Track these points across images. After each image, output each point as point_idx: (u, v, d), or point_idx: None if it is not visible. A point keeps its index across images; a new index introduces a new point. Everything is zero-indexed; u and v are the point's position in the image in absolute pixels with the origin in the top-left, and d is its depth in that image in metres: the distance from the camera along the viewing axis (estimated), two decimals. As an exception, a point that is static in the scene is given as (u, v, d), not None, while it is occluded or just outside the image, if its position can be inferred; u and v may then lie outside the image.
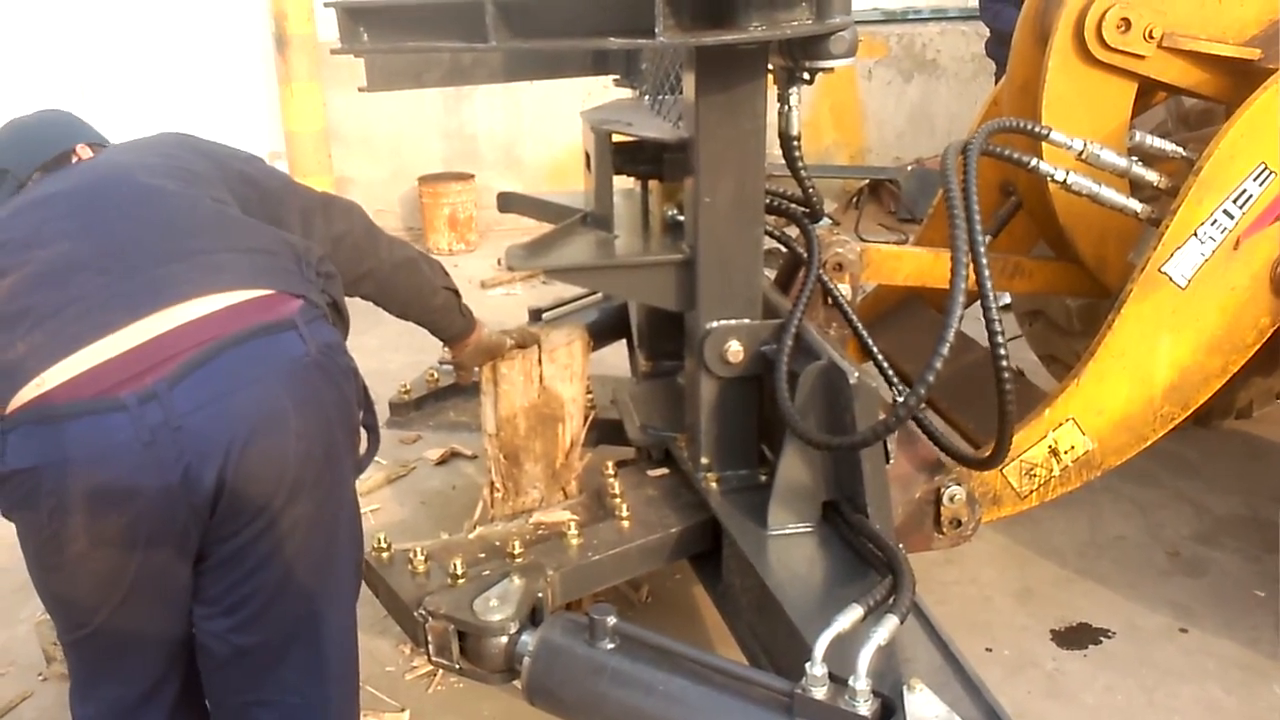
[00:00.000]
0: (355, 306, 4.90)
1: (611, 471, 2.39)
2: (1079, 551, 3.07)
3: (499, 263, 5.97)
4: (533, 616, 1.91)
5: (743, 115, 2.02)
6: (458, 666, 1.91)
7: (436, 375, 3.00)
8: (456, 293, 2.25)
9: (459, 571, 1.99)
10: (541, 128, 6.58)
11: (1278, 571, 2.87)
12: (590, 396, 2.71)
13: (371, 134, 6.47)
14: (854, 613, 1.60)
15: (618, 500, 2.27)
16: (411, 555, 2.08)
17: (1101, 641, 2.70)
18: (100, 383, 1.48)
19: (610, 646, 1.61)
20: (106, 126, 6.39)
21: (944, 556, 2.90)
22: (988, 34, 5.69)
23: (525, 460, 2.46)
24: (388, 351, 4.68)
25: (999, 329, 1.85)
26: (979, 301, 1.93)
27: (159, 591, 1.60)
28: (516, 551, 2.09)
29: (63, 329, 1.52)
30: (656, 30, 1.69)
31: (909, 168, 6.52)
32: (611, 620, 1.60)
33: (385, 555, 2.10)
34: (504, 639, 1.84)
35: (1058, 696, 2.50)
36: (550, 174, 6.57)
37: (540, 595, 1.96)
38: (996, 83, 5.58)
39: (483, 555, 2.14)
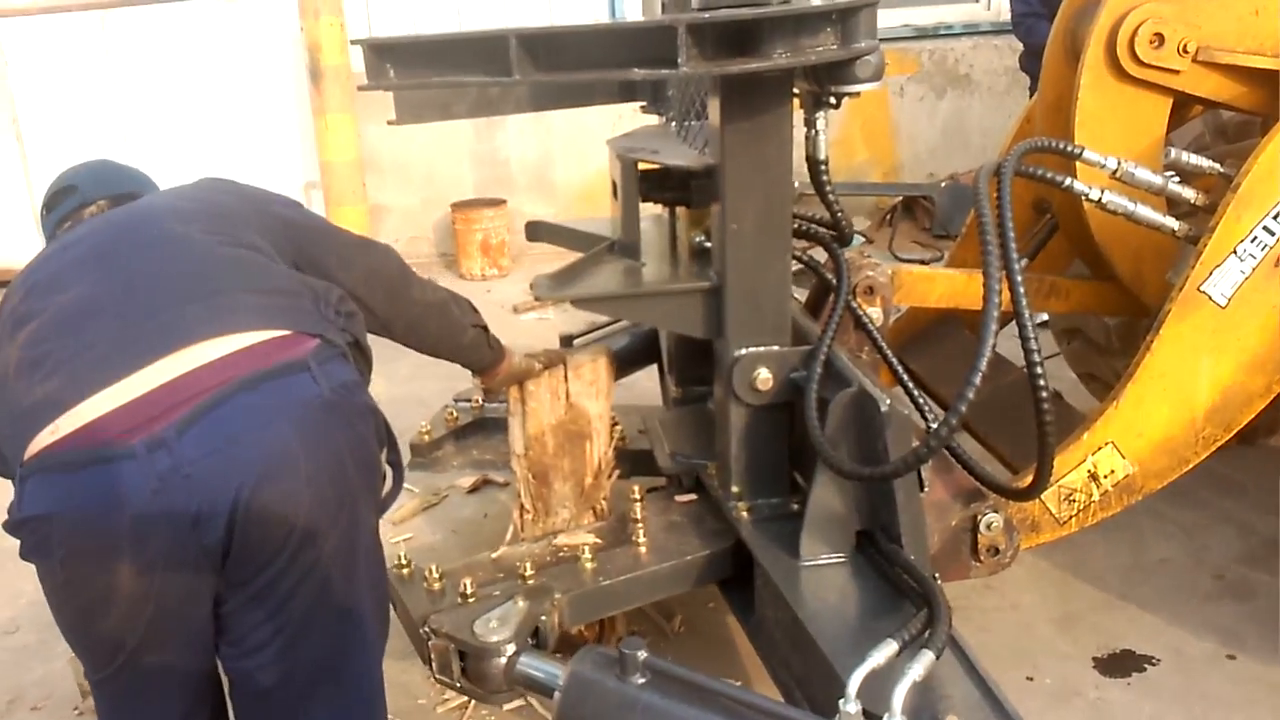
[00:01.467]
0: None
1: (638, 496, 2.37)
2: (1121, 576, 3.01)
3: (531, 287, 5.99)
4: (535, 638, 1.95)
5: (768, 142, 2.01)
6: (459, 685, 1.96)
7: (455, 413, 2.95)
8: (485, 328, 2.28)
9: (468, 591, 2.03)
10: (572, 152, 6.61)
11: (1329, 595, 2.80)
12: (619, 428, 2.69)
13: (405, 162, 6.53)
14: (889, 648, 1.57)
15: (639, 525, 2.27)
16: (428, 574, 2.12)
17: (1146, 669, 2.64)
18: (111, 429, 1.49)
19: (641, 681, 1.59)
20: (145, 163, 6.50)
21: (983, 582, 2.84)
22: (1021, 48, 5.65)
23: (554, 479, 2.46)
24: (420, 379, 4.70)
25: (1038, 359, 1.82)
26: (1014, 321, 1.90)
27: (178, 633, 1.61)
28: (528, 573, 2.12)
29: (78, 374, 1.53)
30: (680, 60, 1.69)
31: (943, 184, 6.45)
32: (642, 654, 1.58)
33: (405, 572, 2.16)
34: (502, 660, 1.87)
35: (1101, 727, 2.45)
36: (582, 197, 6.59)
37: (544, 618, 1.99)
38: (1031, 97, 5.55)
39: (500, 576, 2.17)
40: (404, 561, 2.16)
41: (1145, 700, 2.52)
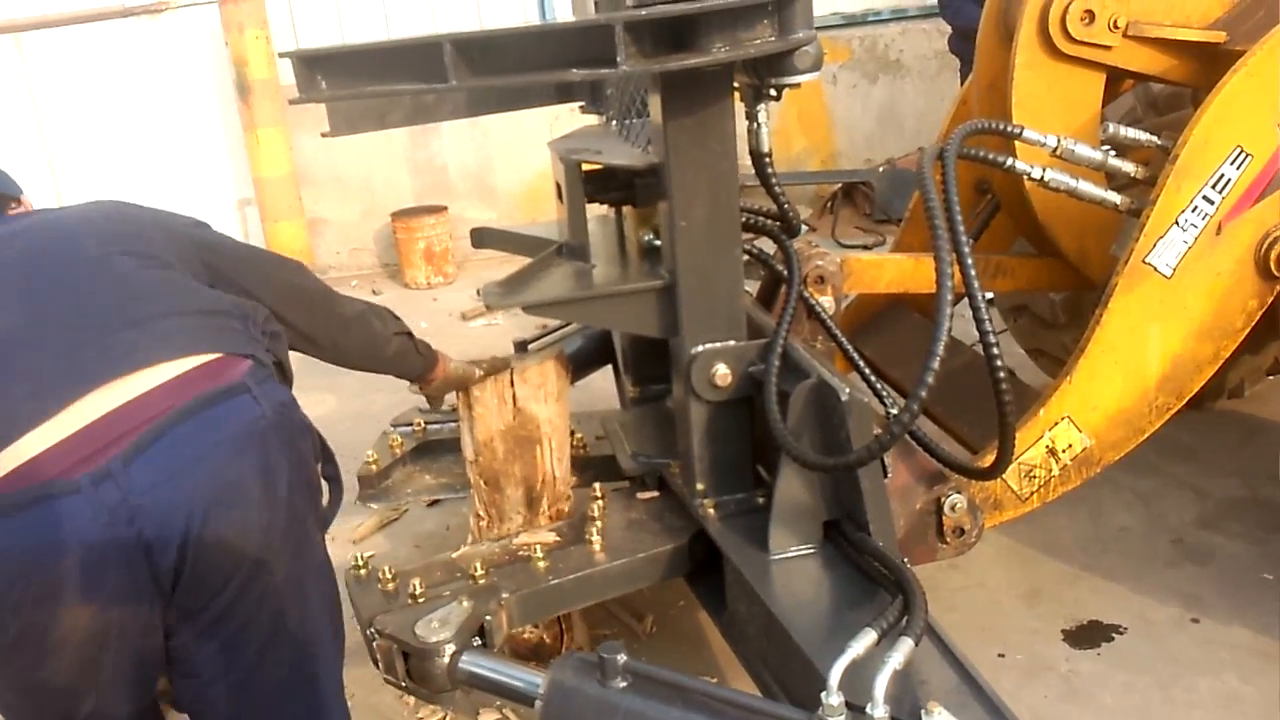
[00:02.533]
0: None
1: (599, 495, 2.38)
2: (1083, 547, 3.04)
3: (478, 293, 5.93)
4: (481, 636, 1.97)
5: (712, 136, 1.99)
6: (403, 684, 1.97)
7: (399, 439, 2.83)
8: (409, 335, 2.25)
9: (417, 591, 2.03)
10: (511, 156, 6.55)
11: (1283, 553, 2.86)
12: (579, 435, 2.66)
13: (341, 173, 6.43)
14: (868, 637, 1.56)
15: (595, 523, 2.26)
16: (381, 575, 2.12)
17: (1114, 639, 2.67)
18: (52, 466, 1.43)
19: (622, 685, 1.57)
20: (73, 182, 6.36)
21: (949, 562, 2.84)
22: (949, 31, 5.71)
23: (506, 485, 2.43)
24: (370, 392, 4.63)
25: (993, 340, 1.82)
26: (965, 301, 1.91)
27: (132, 673, 1.56)
28: (478, 573, 2.11)
29: (9, 411, 1.47)
30: (619, 59, 1.66)
31: (881, 169, 6.51)
32: (622, 658, 1.56)
33: (362, 573, 2.16)
34: (444, 659, 1.88)
35: (1074, 699, 2.46)
36: (524, 201, 6.54)
37: (489, 618, 2.00)
38: (961, 79, 5.61)
39: (453, 576, 2.15)
40: (361, 563, 2.17)
41: (1115, 670, 2.55)
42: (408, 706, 2.59)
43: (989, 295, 3.70)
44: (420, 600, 2.04)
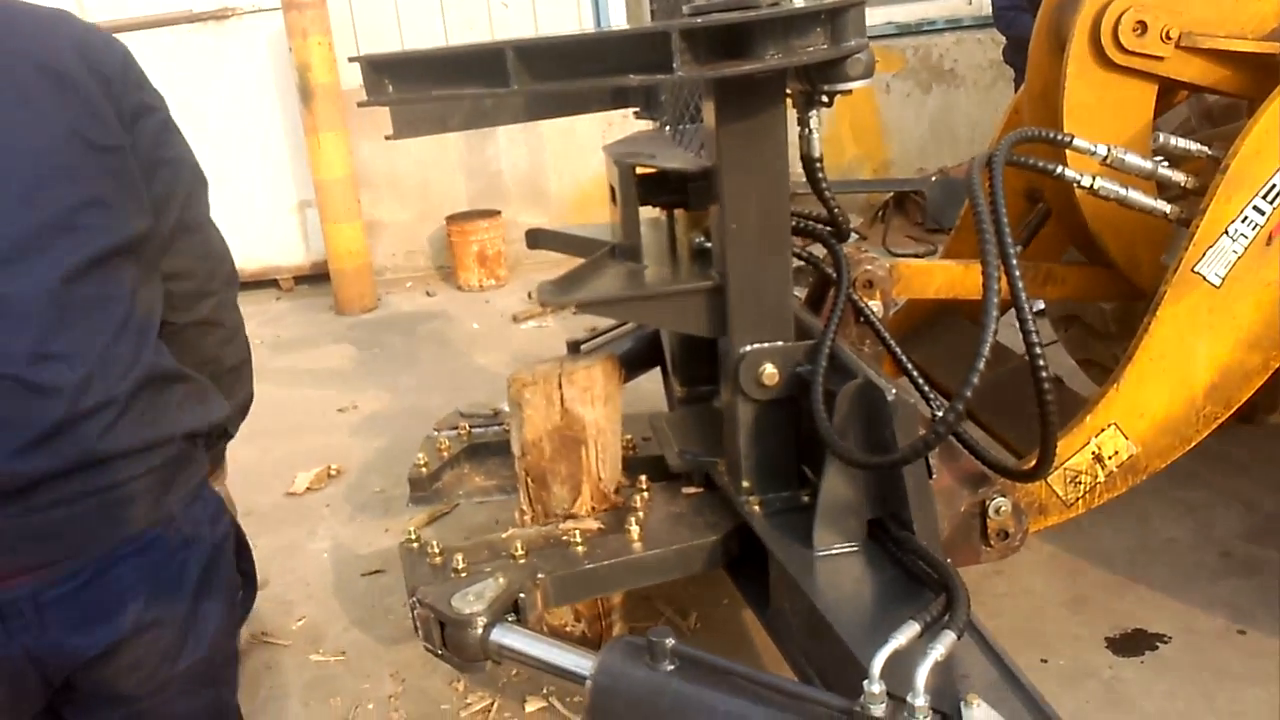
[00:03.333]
0: (390, 349, 5.04)
1: (644, 488, 2.47)
2: (1129, 556, 3.04)
3: (529, 296, 6.03)
4: (516, 612, 2.09)
5: (764, 142, 2.04)
6: (439, 653, 2.10)
7: (446, 441, 2.87)
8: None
9: (459, 566, 2.16)
10: (564, 161, 6.66)
11: (1334, 567, 2.84)
12: (628, 438, 2.70)
13: (398, 177, 6.57)
14: (911, 629, 1.60)
15: (637, 513, 2.34)
16: (430, 549, 2.26)
17: (1158, 647, 2.67)
18: None
19: (670, 668, 1.62)
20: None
21: (993, 568, 2.88)
22: (1004, 41, 5.70)
23: (552, 483, 2.48)
24: (425, 390, 4.75)
25: (1036, 340, 1.85)
26: (1013, 310, 1.94)
27: None
28: (518, 553, 2.22)
29: None
30: (675, 65, 1.72)
31: (933, 178, 6.51)
32: (670, 642, 1.62)
33: (414, 546, 2.31)
34: (477, 631, 1.99)
35: (1117, 705, 2.47)
36: (575, 206, 6.64)
37: (524, 595, 2.10)
38: (1016, 89, 5.60)
39: (499, 555, 2.27)
40: (414, 537, 2.31)
41: (1159, 678, 2.55)
42: (457, 692, 2.66)
43: (1040, 305, 3.73)
44: (462, 574, 2.16)
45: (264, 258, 6.57)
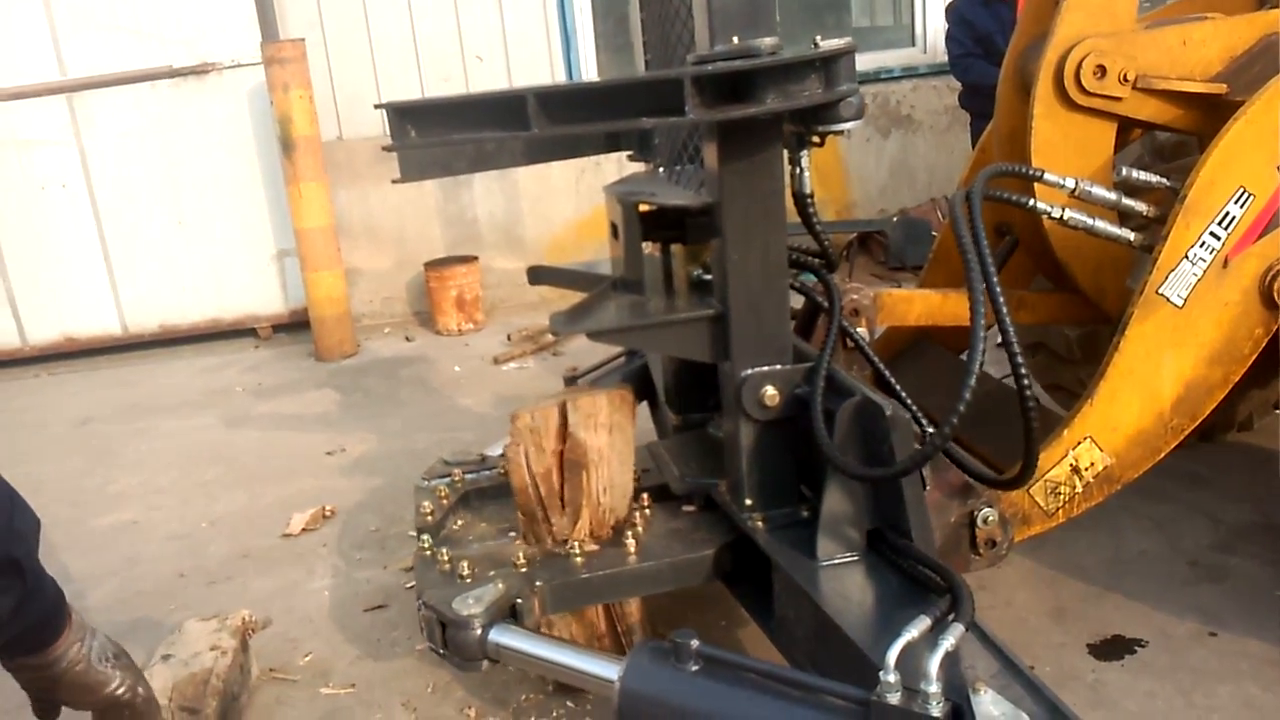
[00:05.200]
0: (373, 394, 5.15)
1: (645, 504, 2.64)
2: (1105, 568, 3.19)
3: (508, 338, 6.15)
4: (513, 616, 2.28)
5: (763, 179, 2.20)
6: (441, 653, 2.27)
7: (444, 489, 2.89)
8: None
9: (464, 573, 2.38)
10: (539, 208, 6.82)
11: (1296, 572, 3.01)
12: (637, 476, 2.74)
13: (375, 225, 6.69)
14: (922, 623, 1.72)
15: (636, 528, 2.52)
16: (440, 556, 2.46)
17: (1136, 651, 2.81)
18: None
19: (695, 668, 1.73)
20: (122, 235, 6.66)
21: (977, 582, 3.01)
22: (959, 88, 5.97)
23: (552, 514, 2.58)
24: (411, 432, 4.83)
25: (1018, 351, 2.01)
26: (990, 331, 2.09)
27: None
28: (519, 562, 2.42)
29: None
30: (687, 109, 1.88)
31: (894, 218, 6.75)
32: (695, 643, 1.72)
33: (427, 553, 2.52)
34: (475, 632, 2.19)
35: (1101, 706, 2.60)
36: (550, 251, 6.78)
37: (521, 601, 2.29)
38: (971, 133, 5.87)
39: (503, 564, 2.46)
40: (427, 545, 2.54)
41: (1139, 679, 2.68)
42: (469, 718, 2.72)
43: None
44: (467, 580, 2.36)
45: (243, 306, 6.64)
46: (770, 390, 2.32)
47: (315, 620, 3.29)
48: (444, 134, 2.10)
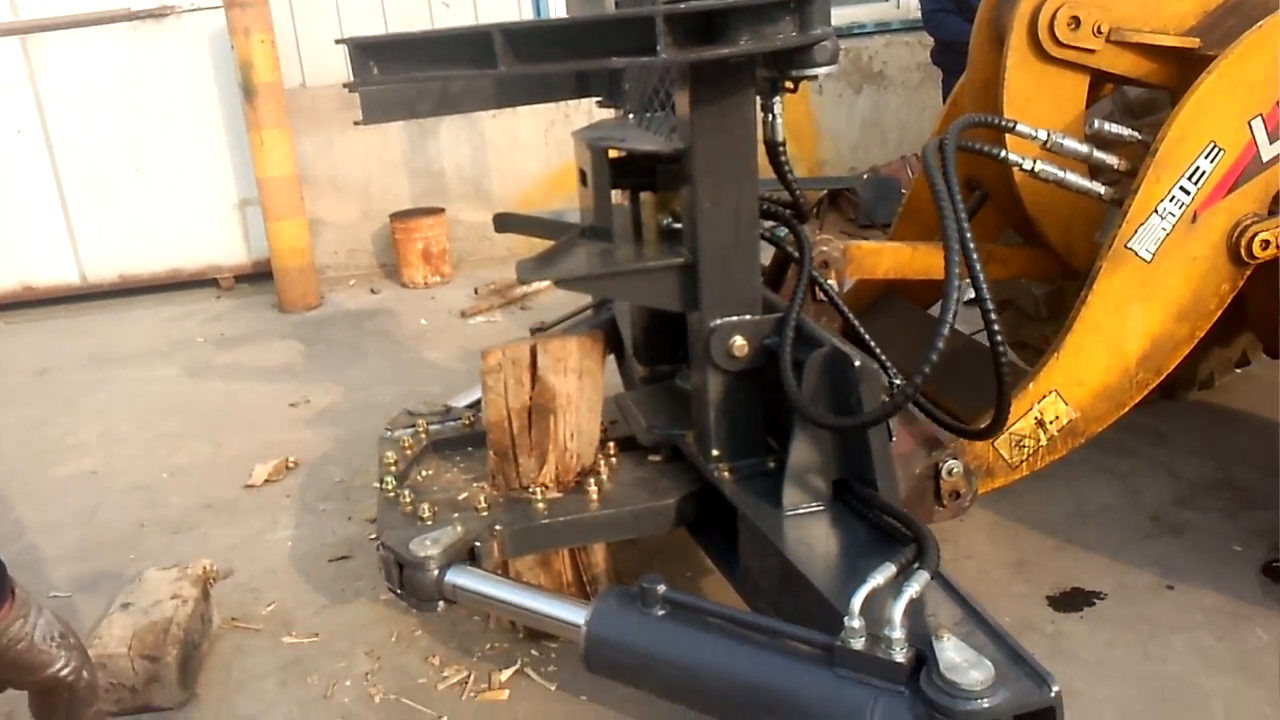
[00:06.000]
0: (337, 346, 5.09)
1: (611, 453, 2.65)
2: (1066, 522, 3.22)
3: (475, 292, 6.08)
4: (472, 558, 2.29)
5: (735, 124, 2.16)
6: (397, 592, 2.29)
7: (408, 439, 2.86)
8: None
9: (425, 515, 2.40)
10: (506, 161, 6.72)
11: (1252, 527, 3.05)
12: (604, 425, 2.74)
13: (340, 176, 6.57)
14: (887, 570, 1.73)
15: (600, 476, 2.54)
16: (403, 497, 2.48)
17: (1095, 603, 2.84)
18: None
19: (661, 613, 1.72)
20: (79, 183, 6.50)
21: (939, 534, 2.99)
22: (932, 43, 5.93)
23: (520, 454, 2.57)
24: (375, 384, 4.78)
25: (990, 304, 2.00)
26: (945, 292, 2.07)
27: None
28: (480, 506, 2.44)
29: None
30: (659, 48, 1.83)
31: (864, 176, 6.72)
32: (661, 588, 1.72)
33: (390, 495, 2.52)
34: (431, 573, 2.22)
35: (1060, 656, 2.63)
36: (518, 205, 6.69)
37: (479, 544, 2.32)
38: (943, 90, 5.84)
39: (464, 507, 2.47)
40: (389, 487, 2.54)
41: (1098, 629, 2.72)
42: (433, 666, 2.72)
43: (970, 294, 3.91)
44: (427, 522, 2.38)
45: (204, 256, 6.51)
46: (739, 340, 2.30)
47: (278, 570, 3.26)
48: (408, 71, 2.05)
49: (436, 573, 2.23)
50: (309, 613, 3.02)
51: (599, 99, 2.97)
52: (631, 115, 2.80)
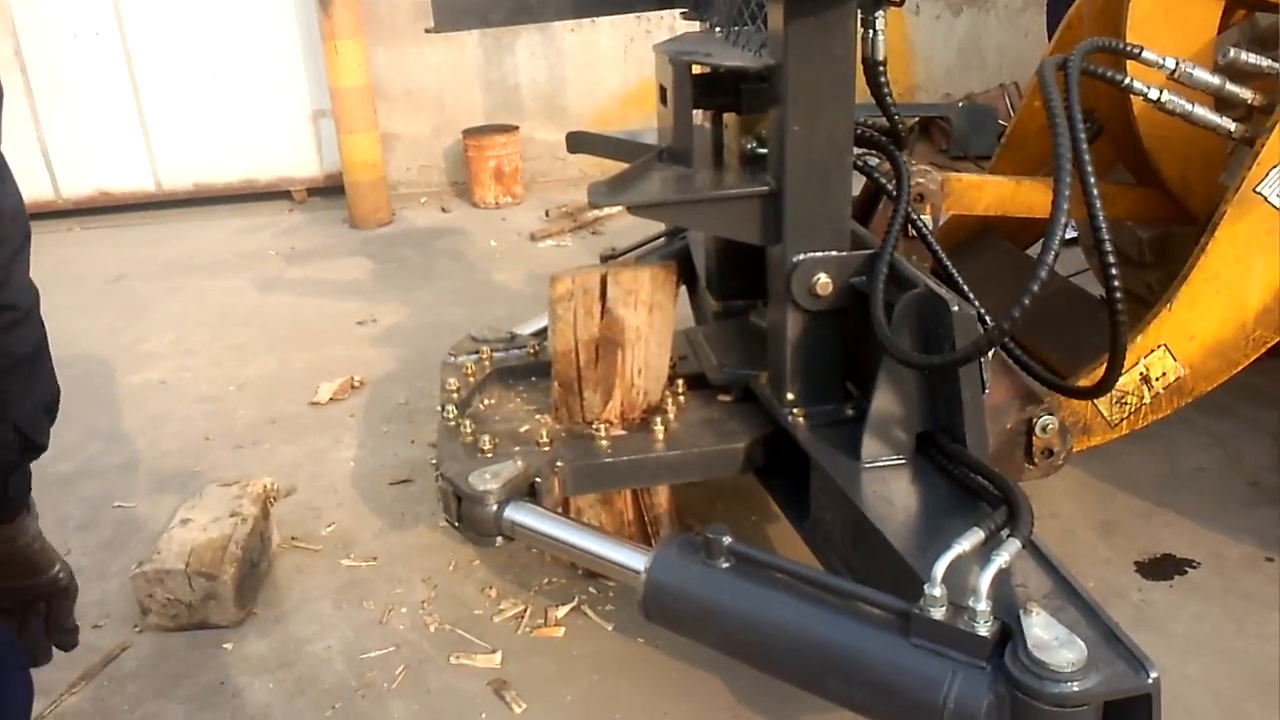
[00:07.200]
0: (406, 264, 4.98)
1: (680, 391, 2.51)
2: (1158, 484, 3.04)
3: (546, 214, 5.96)
4: (532, 494, 2.21)
5: (834, 40, 1.97)
6: (455, 525, 2.22)
7: (470, 365, 2.74)
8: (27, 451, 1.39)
9: (486, 447, 2.30)
10: (584, 77, 6.53)
11: (1364, 499, 2.84)
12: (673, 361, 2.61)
13: (414, 88, 6.44)
14: (975, 536, 1.59)
15: (667, 415, 2.41)
16: (464, 428, 2.39)
17: (1186, 572, 2.68)
18: None
19: (726, 565, 1.62)
20: (156, 90, 6.43)
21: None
22: (1040, -36, 5.56)
23: (585, 387, 2.46)
24: (443, 305, 4.72)
25: (1109, 250, 1.81)
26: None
27: None
28: (542, 441, 2.34)
29: None
30: (752, -49, 1.66)
31: (960, 104, 6.39)
32: (727, 540, 1.61)
33: (450, 424, 2.44)
34: (490, 508, 2.11)
35: (1146, 627, 2.48)
36: (594, 123, 6.52)
37: (540, 480, 2.21)
38: (1048, 15, 5.48)
39: (526, 440, 2.38)
40: (451, 416, 2.45)
41: (1188, 601, 2.56)
42: (489, 598, 2.66)
43: (1072, 234, 3.68)
44: (488, 455, 2.28)
45: (278, 168, 6.47)
46: (824, 278, 2.14)
47: (339, 490, 3.23)
48: (480, -27, 1.90)
49: (495, 508, 2.13)
50: (368, 535, 2.98)
51: (683, 10, 2.79)
52: (718, 29, 2.61)
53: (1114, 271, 1.81)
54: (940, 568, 1.55)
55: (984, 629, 1.53)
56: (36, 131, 6.16)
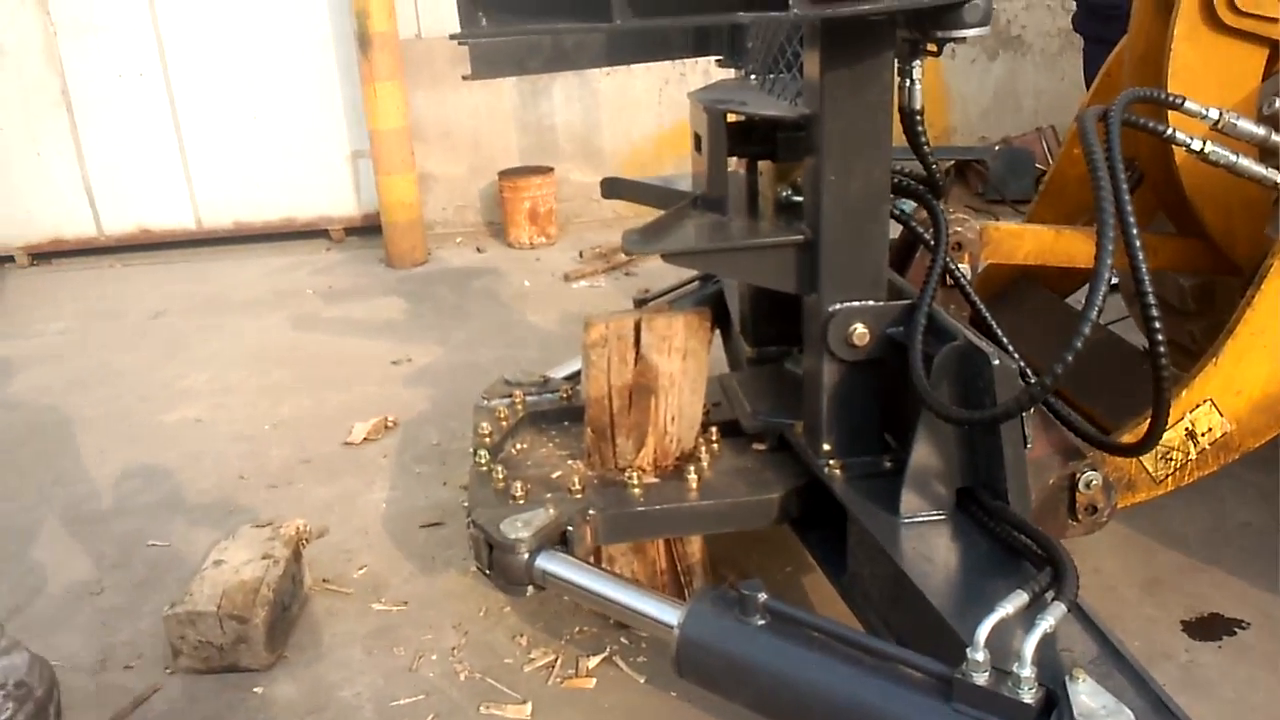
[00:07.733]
0: (441, 304, 5.00)
1: (713, 439, 2.50)
2: (1204, 540, 2.96)
3: (580, 255, 5.98)
4: (564, 543, 2.19)
5: (870, 89, 1.97)
6: (487, 573, 2.21)
7: (503, 410, 2.75)
8: None
9: (518, 494, 2.29)
10: (619, 119, 6.57)
11: None
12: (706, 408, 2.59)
13: (451, 130, 6.51)
14: (1019, 599, 1.55)
15: (700, 463, 2.40)
16: (496, 473, 2.40)
17: (1236, 633, 2.59)
18: None
19: (761, 622, 1.58)
20: (198, 131, 6.50)
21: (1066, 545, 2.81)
22: (1074, 8, 5.55)
23: (618, 434, 2.45)
24: (477, 345, 4.72)
25: (1153, 305, 1.77)
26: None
27: None
28: (574, 488, 2.33)
29: None
30: (790, 2, 1.65)
31: (996, 147, 6.36)
32: (762, 596, 1.58)
33: (483, 469, 2.45)
34: (521, 556, 2.11)
35: (1194, 689, 2.40)
36: (628, 165, 6.55)
37: (572, 529, 2.20)
38: (1084, 58, 5.46)
39: (558, 487, 2.37)
40: (483, 461, 2.46)
41: (1238, 664, 2.47)
42: (520, 647, 2.63)
43: (1114, 280, 3.62)
44: (519, 501, 2.28)
45: (316, 207, 6.55)
46: (860, 329, 2.12)
47: (371, 533, 3.22)
48: (518, 23, 1.91)
49: (527, 557, 2.12)
50: (399, 579, 2.97)
51: (718, 58, 2.79)
52: (753, 76, 2.61)
53: (1157, 325, 1.77)
54: (984, 631, 1.51)
55: (1029, 696, 1.49)
56: (81, 169, 6.28)
